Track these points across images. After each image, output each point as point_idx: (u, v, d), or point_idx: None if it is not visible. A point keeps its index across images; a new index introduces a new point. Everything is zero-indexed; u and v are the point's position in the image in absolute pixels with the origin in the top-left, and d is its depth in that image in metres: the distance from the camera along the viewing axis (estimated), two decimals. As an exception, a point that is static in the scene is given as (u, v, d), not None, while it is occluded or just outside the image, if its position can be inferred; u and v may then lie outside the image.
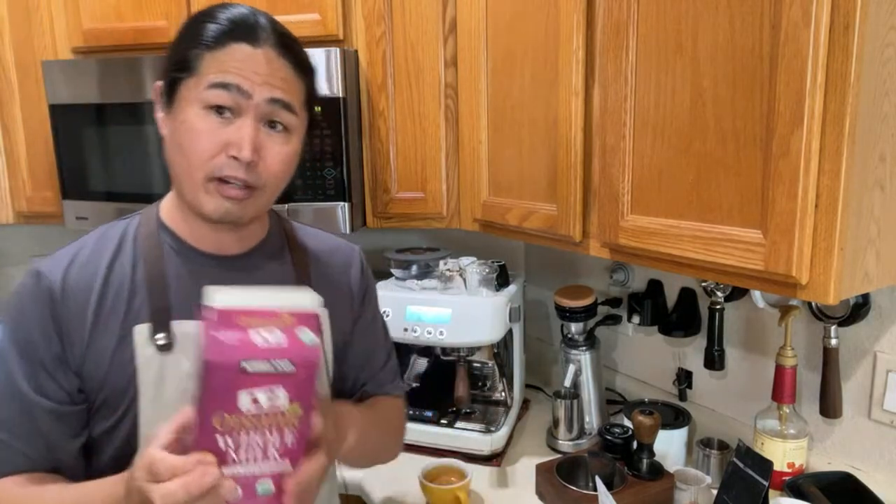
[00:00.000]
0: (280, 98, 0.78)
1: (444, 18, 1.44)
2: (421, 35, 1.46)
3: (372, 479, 1.29)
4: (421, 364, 1.63)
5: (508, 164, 1.34)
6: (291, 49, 0.81)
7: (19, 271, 2.18)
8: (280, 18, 1.62)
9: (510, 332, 1.48)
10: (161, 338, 0.79)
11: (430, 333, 1.37)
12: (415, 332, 1.38)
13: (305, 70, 0.83)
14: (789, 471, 1.11)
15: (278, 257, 0.92)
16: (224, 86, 0.75)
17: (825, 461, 1.17)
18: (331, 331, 0.94)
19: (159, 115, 0.82)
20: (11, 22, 1.67)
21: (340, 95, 1.42)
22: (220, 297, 0.61)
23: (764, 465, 0.96)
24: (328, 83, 1.41)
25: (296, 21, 1.47)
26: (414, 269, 1.51)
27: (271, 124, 0.79)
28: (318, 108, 1.40)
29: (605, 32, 1.05)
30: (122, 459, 0.80)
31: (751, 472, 0.97)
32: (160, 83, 0.81)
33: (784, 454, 1.11)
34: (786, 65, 0.77)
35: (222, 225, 0.82)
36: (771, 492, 0.99)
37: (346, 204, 1.47)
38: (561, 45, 1.13)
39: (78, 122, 1.59)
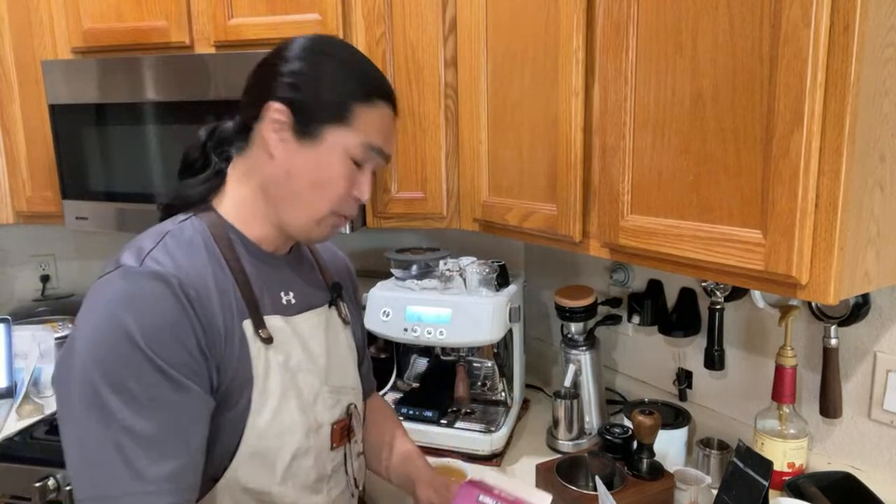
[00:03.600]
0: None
1: (444, 18, 1.44)
2: (421, 35, 1.46)
3: (372, 478, 1.29)
4: (421, 364, 1.63)
5: (508, 164, 1.34)
6: None
7: (19, 271, 2.18)
8: (280, 18, 1.63)
9: (510, 332, 1.48)
10: (264, 332, 0.85)
11: (430, 333, 1.37)
12: (415, 332, 1.38)
13: None
14: (789, 471, 1.11)
15: (305, 258, 1.02)
16: (380, 152, 0.87)
17: (825, 461, 1.17)
18: (353, 332, 1.07)
19: (280, 137, 0.83)
20: (11, 22, 1.67)
21: (340, 95, 1.42)
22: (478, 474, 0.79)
23: (764, 465, 0.96)
24: (328, 83, 1.41)
25: (296, 21, 1.47)
26: (414, 269, 1.51)
27: None
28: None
29: (605, 32, 1.05)
30: (224, 453, 0.82)
31: (751, 472, 0.97)
32: (283, 108, 0.82)
33: (784, 454, 1.11)
34: (786, 65, 0.77)
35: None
36: (771, 492, 0.99)
37: (346, 204, 1.47)
38: (561, 44, 1.13)
39: (78, 122, 1.59)
